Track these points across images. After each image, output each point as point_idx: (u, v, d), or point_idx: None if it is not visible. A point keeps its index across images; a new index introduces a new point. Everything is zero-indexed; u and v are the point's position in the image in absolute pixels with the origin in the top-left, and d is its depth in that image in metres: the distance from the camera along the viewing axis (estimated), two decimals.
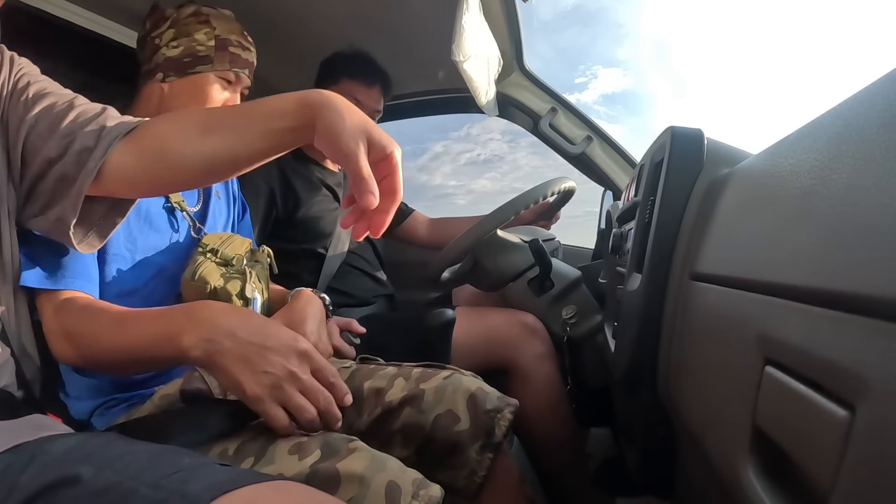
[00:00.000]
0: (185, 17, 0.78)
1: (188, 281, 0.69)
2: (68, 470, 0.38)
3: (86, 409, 0.66)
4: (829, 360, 0.24)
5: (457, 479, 0.66)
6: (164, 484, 0.36)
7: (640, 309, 0.57)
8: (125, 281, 0.69)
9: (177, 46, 0.77)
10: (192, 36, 0.77)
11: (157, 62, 0.78)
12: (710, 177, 0.53)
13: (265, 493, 0.36)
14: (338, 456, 0.49)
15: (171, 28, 0.77)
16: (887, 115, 0.23)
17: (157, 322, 0.55)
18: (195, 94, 0.78)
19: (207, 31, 0.77)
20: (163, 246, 0.74)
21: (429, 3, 1.05)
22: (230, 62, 0.79)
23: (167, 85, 0.78)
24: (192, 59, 0.77)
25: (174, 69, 0.77)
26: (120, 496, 0.35)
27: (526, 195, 1.03)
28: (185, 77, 0.78)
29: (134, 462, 0.39)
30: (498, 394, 0.70)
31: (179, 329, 0.52)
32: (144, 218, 0.72)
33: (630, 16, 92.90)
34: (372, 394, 0.71)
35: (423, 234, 1.43)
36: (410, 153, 10.14)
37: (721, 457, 0.37)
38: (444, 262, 1.07)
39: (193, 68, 0.77)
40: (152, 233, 0.73)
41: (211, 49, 0.77)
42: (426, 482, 0.48)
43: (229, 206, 0.90)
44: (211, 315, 0.53)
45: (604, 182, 1.40)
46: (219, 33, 0.78)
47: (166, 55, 0.77)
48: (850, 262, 0.23)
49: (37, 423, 0.49)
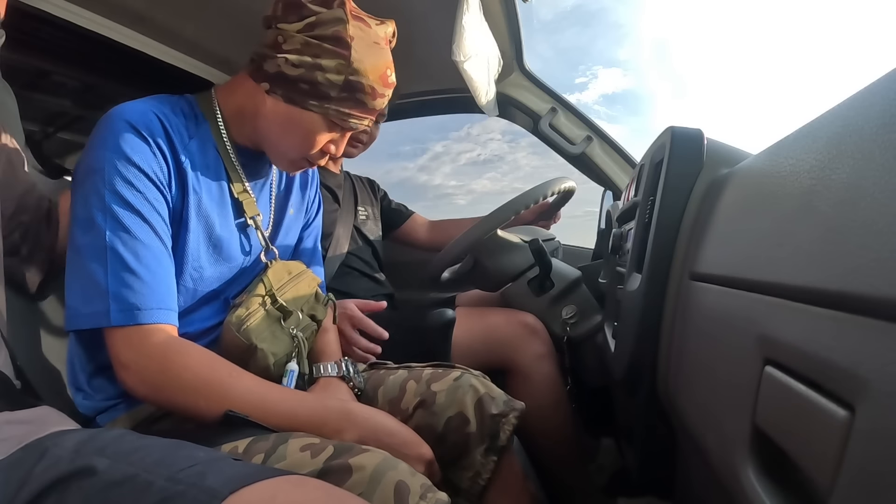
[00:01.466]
0: (325, 24, 0.60)
1: (231, 329, 0.61)
2: (82, 461, 0.38)
3: (91, 407, 0.65)
4: (829, 360, 0.24)
5: (462, 480, 0.66)
6: (180, 477, 0.36)
7: (640, 309, 0.57)
8: (179, 307, 0.61)
9: (297, 66, 0.60)
10: (320, 60, 0.60)
11: (267, 69, 0.62)
12: (709, 177, 0.53)
13: (284, 488, 0.36)
14: (350, 453, 0.49)
15: (303, 32, 0.60)
16: (886, 115, 0.23)
17: (312, 417, 0.57)
18: (293, 128, 0.64)
19: (341, 63, 0.60)
20: (229, 276, 0.68)
21: (429, 3, 1.05)
22: (350, 113, 0.64)
23: (270, 99, 0.63)
24: (308, 89, 0.61)
25: (283, 90, 0.62)
26: (136, 488, 0.35)
27: (526, 195, 1.03)
28: (290, 105, 0.63)
29: (148, 455, 0.39)
30: (505, 397, 0.70)
31: (338, 427, 0.56)
32: (215, 243, 0.65)
33: (630, 16, 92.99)
34: (385, 403, 0.72)
35: (422, 236, 1.43)
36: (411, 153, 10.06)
37: (721, 457, 0.37)
38: (444, 262, 1.07)
39: (303, 103, 0.62)
40: (221, 262, 0.66)
41: (335, 88, 0.61)
42: (433, 488, 0.48)
43: (299, 216, 0.81)
44: (371, 415, 0.59)
45: (604, 182, 1.40)
46: (355, 67, 0.61)
47: (281, 69, 0.61)
48: (849, 262, 0.23)
49: (46, 418, 0.49)
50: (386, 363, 0.83)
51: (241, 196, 0.67)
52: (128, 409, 0.64)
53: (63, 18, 0.99)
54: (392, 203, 1.43)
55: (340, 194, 1.21)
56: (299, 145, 0.66)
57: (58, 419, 0.50)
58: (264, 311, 0.65)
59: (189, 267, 0.62)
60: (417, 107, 1.59)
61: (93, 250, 0.54)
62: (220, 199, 0.66)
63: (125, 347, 0.54)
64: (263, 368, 0.63)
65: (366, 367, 0.83)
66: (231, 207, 0.67)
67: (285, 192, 0.78)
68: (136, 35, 1.12)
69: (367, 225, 1.27)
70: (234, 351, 0.62)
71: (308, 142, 0.65)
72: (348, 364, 0.73)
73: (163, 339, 0.55)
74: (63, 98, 1.27)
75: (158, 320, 0.55)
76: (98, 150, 0.57)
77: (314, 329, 0.74)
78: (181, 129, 0.63)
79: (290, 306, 0.68)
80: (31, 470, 0.37)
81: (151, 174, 0.58)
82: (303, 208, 0.82)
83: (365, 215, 1.28)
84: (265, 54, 0.63)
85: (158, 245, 0.57)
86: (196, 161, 0.63)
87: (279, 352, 0.65)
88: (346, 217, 1.20)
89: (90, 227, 0.55)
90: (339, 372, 0.72)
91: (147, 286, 0.55)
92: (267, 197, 0.74)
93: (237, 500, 0.34)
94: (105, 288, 0.53)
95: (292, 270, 0.71)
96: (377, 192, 1.41)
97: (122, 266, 0.54)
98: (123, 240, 0.55)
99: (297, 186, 0.81)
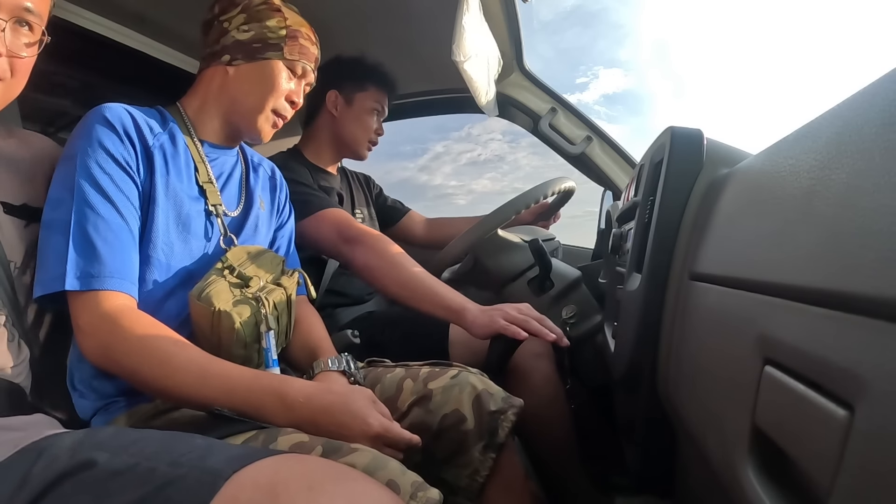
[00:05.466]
0: (258, 4, 0.76)
1: (194, 298, 0.64)
2: (82, 456, 0.37)
3: (88, 407, 0.66)
4: (828, 360, 0.24)
5: (460, 479, 0.66)
6: (182, 461, 0.36)
7: (639, 309, 0.57)
8: (157, 290, 0.66)
9: (248, 31, 0.74)
10: (264, 22, 0.75)
11: (224, 44, 0.75)
12: (709, 177, 0.53)
13: (287, 464, 0.36)
14: (339, 453, 0.50)
15: (243, 13, 0.75)
16: (886, 115, 0.23)
17: (249, 397, 0.57)
18: (261, 80, 0.75)
19: (279, 19, 0.75)
20: (198, 254, 0.71)
21: (429, 3, 1.05)
22: (300, 53, 0.77)
23: (233, 69, 0.75)
24: (262, 44, 0.75)
25: (243, 53, 0.75)
26: (138, 476, 0.35)
27: (526, 195, 1.03)
28: (253, 62, 0.75)
29: (147, 446, 0.39)
30: (503, 394, 0.70)
31: (273, 413, 0.57)
32: (184, 222, 0.69)
33: (631, 16, 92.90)
34: (382, 400, 0.71)
35: (419, 233, 1.43)
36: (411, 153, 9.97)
37: (720, 456, 0.37)
38: (444, 262, 1.07)
39: (263, 54, 0.75)
40: (190, 238, 0.70)
41: (282, 38, 0.75)
42: (425, 485, 0.48)
43: (271, 216, 0.86)
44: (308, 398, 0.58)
45: (603, 182, 1.40)
46: (290, 23, 0.76)
47: (236, 38, 0.74)
48: (849, 262, 0.23)
49: (39, 424, 0.49)
50: (384, 361, 0.83)
51: (205, 185, 0.73)
52: (125, 408, 0.65)
53: (63, 18, 0.99)
54: (388, 200, 1.43)
55: (338, 196, 1.21)
56: (268, 94, 0.75)
57: (49, 425, 0.50)
58: (225, 281, 0.67)
59: (160, 242, 0.67)
60: (417, 107, 1.59)
61: (58, 224, 0.59)
62: (189, 184, 0.71)
63: (82, 311, 0.58)
64: (230, 331, 0.64)
65: (364, 365, 0.83)
66: (198, 193, 0.73)
67: (253, 188, 0.83)
68: (136, 35, 1.12)
69: None
70: (202, 322, 0.64)
71: (274, 88, 0.75)
72: (349, 359, 0.74)
73: (117, 305, 0.58)
74: (63, 98, 1.27)
75: (113, 287, 0.59)
76: (74, 140, 0.63)
77: (284, 296, 0.73)
78: (152, 125, 0.70)
79: (250, 275, 0.70)
80: (29, 471, 0.37)
81: (120, 159, 0.63)
82: (274, 208, 0.87)
83: (362, 217, 1.28)
84: (216, 40, 0.76)
85: (120, 222, 0.62)
86: (166, 150, 0.70)
87: (244, 314, 0.66)
88: None
89: (58, 204, 0.60)
90: (340, 366, 0.73)
91: (104, 256, 0.59)
92: (234, 190, 0.80)
93: (241, 477, 0.34)
94: (65, 256, 0.57)
95: (252, 251, 0.73)
96: (372, 189, 1.40)
97: (82, 237, 0.59)
98: (86, 215, 0.59)
99: (265, 187, 0.86)
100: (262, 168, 0.87)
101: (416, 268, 0.91)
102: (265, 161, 0.89)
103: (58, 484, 0.36)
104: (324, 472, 0.36)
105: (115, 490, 0.35)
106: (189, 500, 0.33)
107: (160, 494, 0.34)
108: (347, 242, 0.95)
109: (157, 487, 0.34)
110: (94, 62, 1.16)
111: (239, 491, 0.33)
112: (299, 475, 0.35)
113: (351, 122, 1.18)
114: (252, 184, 0.83)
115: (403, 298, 0.91)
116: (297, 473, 0.35)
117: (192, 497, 0.33)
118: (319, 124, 1.21)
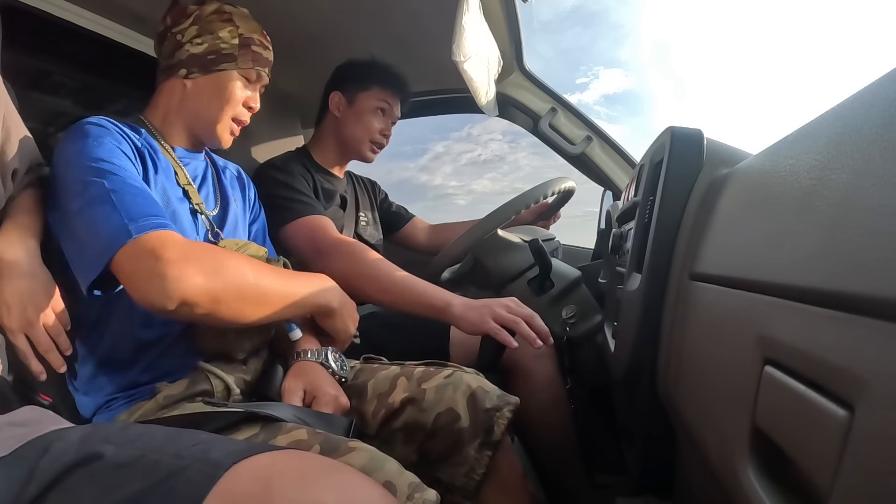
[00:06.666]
0: (209, 15, 0.77)
1: None
2: (89, 449, 0.39)
3: (90, 404, 0.66)
4: (828, 360, 0.24)
5: (456, 477, 0.66)
6: (185, 454, 0.38)
7: (639, 309, 0.57)
8: None
9: (201, 43, 0.76)
10: (216, 34, 0.76)
11: (179, 58, 0.77)
12: (709, 177, 0.53)
13: (284, 458, 0.38)
14: (336, 452, 0.51)
15: (194, 25, 0.77)
16: (886, 115, 0.23)
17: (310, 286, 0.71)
18: (218, 92, 0.78)
19: (231, 29, 0.77)
20: None
21: (429, 3, 1.05)
22: (253, 60, 0.79)
23: (190, 81, 0.77)
24: (216, 56, 0.77)
25: (198, 66, 0.77)
26: (143, 467, 0.37)
27: (526, 195, 1.03)
28: (209, 74, 0.77)
29: (153, 439, 0.41)
30: (498, 392, 0.70)
31: (328, 300, 0.73)
32: (172, 218, 0.71)
33: (631, 17, 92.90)
34: (375, 396, 0.73)
35: (422, 239, 1.43)
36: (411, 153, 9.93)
37: (720, 457, 0.37)
38: (444, 262, 1.07)
39: (218, 66, 0.77)
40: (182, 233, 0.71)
41: (235, 47, 0.77)
42: (422, 486, 0.49)
43: (245, 213, 0.89)
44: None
45: (603, 182, 1.40)
46: (242, 32, 0.78)
47: (190, 52, 0.76)
48: (849, 262, 0.23)
49: (43, 420, 0.49)
50: (380, 358, 0.83)
51: (186, 187, 0.76)
52: (125, 405, 0.65)
53: (63, 18, 0.99)
54: (392, 206, 1.43)
55: (341, 199, 1.21)
56: (226, 104, 0.78)
57: (55, 421, 0.50)
58: None
59: None
60: (417, 107, 1.59)
61: (96, 199, 0.59)
62: (172, 186, 0.74)
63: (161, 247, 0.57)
64: None
65: (360, 361, 0.83)
66: (182, 195, 0.75)
67: (226, 188, 0.86)
68: (136, 35, 1.12)
69: (367, 231, 1.26)
70: None
71: (231, 98, 0.78)
72: (328, 353, 0.75)
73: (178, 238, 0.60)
74: (63, 98, 1.27)
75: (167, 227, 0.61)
76: (67, 145, 0.64)
77: None
78: (132, 131, 0.72)
79: None
80: (36, 465, 0.38)
81: (120, 146, 0.66)
82: (246, 205, 0.90)
83: (365, 221, 1.28)
84: (170, 54, 0.78)
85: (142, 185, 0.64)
86: (149, 152, 0.72)
87: None
88: (349, 223, 1.20)
89: (85, 188, 0.60)
90: (318, 358, 0.74)
91: (149, 205, 0.61)
92: (210, 191, 0.83)
93: (239, 469, 0.36)
94: (120, 213, 0.58)
95: (239, 243, 0.76)
96: (378, 194, 1.40)
97: (128, 194, 0.60)
98: (119, 182, 0.61)
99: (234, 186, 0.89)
100: (228, 170, 0.90)
101: (397, 272, 0.91)
102: (229, 164, 0.93)
103: (65, 476, 0.37)
104: (317, 466, 0.38)
105: (120, 481, 0.36)
106: (190, 489, 0.35)
107: (164, 485, 0.36)
108: (321, 254, 0.95)
109: (161, 478, 0.36)
110: (94, 62, 1.16)
111: (236, 481, 0.35)
112: (294, 468, 0.37)
113: (352, 121, 1.18)
114: (224, 184, 0.86)
115: (387, 303, 0.91)
116: (291, 467, 0.37)
117: (193, 487, 0.35)
118: (325, 126, 1.21)
